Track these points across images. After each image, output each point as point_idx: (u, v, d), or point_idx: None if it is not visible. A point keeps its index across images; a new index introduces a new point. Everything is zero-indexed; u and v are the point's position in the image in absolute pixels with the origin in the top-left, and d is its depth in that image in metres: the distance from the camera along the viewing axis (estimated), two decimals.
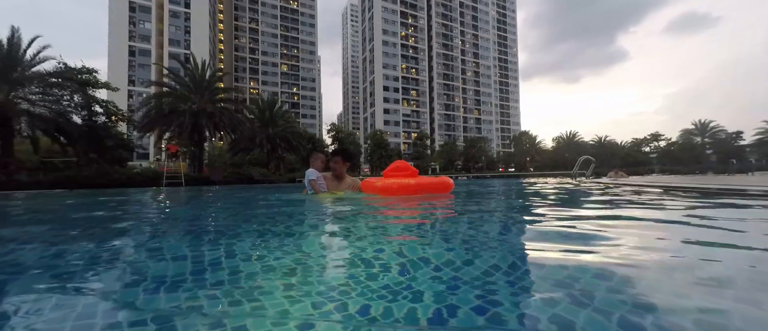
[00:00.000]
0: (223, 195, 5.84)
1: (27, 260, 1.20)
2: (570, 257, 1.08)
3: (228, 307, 0.68)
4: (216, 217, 2.48)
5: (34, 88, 15.29)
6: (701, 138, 50.56)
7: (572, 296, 0.70)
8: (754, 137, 42.96)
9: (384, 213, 2.46)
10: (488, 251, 1.21)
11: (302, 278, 0.87)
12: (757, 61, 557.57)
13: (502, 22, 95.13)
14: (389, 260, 1.06)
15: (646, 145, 57.48)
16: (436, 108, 76.55)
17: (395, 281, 0.82)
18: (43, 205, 4.54)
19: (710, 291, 0.79)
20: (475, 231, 1.63)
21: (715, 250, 1.22)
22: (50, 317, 0.65)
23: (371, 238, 1.43)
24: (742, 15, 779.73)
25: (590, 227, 1.70)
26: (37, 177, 13.86)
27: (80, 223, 2.29)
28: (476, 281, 0.83)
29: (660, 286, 0.81)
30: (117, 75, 46.59)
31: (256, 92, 69.96)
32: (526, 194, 4.72)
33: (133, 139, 27.48)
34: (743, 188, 4.10)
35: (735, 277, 0.89)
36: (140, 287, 0.84)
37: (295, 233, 1.60)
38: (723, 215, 2.27)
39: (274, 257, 1.11)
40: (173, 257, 1.17)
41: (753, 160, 40.11)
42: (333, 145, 45.31)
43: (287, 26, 79.78)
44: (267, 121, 27.21)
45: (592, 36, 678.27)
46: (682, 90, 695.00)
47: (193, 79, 20.99)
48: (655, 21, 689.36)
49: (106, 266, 1.07)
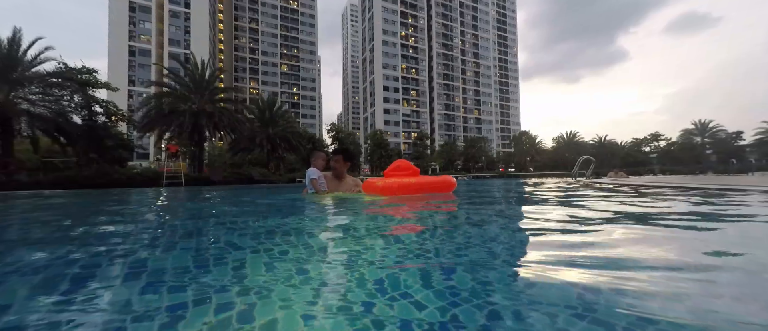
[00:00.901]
0: (226, 196, 5.83)
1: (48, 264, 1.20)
2: (571, 257, 1.08)
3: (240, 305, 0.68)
4: (214, 218, 2.48)
5: (34, 88, 15.29)
6: (701, 138, 50.57)
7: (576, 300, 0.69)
8: (754, 137, 42.98)
9: (382, 213, 2.46)
10: (488, 253, 1.20)
11: (302, 278, 0.87)
12: (757, 61, 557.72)
13: (502, 22, 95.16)
14: (384, 258, 1.05)
15: (646, 145, 57.52)
16: (436, 108, 76.58)
17: (393, 282, 0.82)
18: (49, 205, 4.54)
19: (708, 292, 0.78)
20: (477, 231, 1.63)
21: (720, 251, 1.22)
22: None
23: (369, 238, 1.43)
24: (742, 15, 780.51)
25: (589, 228, 1.70)
26: (37, 177, 13.87)
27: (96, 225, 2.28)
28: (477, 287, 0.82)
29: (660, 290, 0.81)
30: (117, 75, 46.60)
31: (256, 92, 69.98)
32: (527, 194, 4.72)
33: (133, 139, 27.48)
34: (744, 187, 4.10)
35: (734, 280, 0.89)
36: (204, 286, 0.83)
37: (297, 232, 1.60)
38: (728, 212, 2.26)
39: (275, 256, 1.11)
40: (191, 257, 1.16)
41: (753, 160, 40.11)
42: (333, 145, 45.34)
43: (287, 26, 79.80)
44: (267, 121, 27.21)
45: (592, 36, 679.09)
46: (682, 90, 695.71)
47: (193, 79, 21.00)
48: (655, 21, 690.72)
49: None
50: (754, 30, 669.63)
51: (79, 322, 0.62)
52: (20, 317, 0.64)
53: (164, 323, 0.60)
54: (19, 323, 0.62)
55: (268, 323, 0.59)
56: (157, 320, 0.61)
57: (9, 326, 0.60)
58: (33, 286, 0.87)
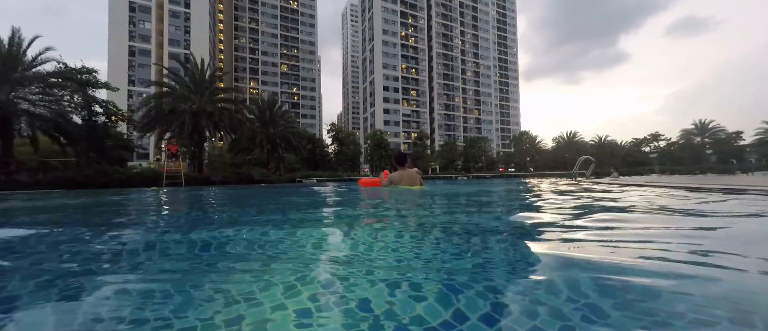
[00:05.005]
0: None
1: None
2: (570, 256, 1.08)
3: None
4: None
5: (34, 88, 15.29)
6: (701, 138, 50.53)
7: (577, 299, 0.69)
8: (754, 137, 42.95)
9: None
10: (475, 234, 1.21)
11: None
12: (757, 62, 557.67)
13: (502, 23, 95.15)
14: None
15: (646, 145, 57.51)
16: (436, 108, 76.55)
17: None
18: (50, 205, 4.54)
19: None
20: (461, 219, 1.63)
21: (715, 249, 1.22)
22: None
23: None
24: (744, 17, 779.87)
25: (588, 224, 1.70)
26: (37, 177, 13.87)
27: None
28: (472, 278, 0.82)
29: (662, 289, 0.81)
30: (117, 75, 46.59)
31: (256, 92, 69.98)
32: (526, 194, 4.72)
33: (133, 139, 27.49)
34: (744, 187, 4.09)
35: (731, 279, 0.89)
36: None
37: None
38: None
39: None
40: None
41: (753, 160, 40.11)
42: (333, 145, 45.39)
43: (287, 26, 79.81)
44: (267, 121, 27.22)
45: (594, 39, 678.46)
46: (682, 90, 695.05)
47: (192, 79, 21.00)
48: (656, 25, 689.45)
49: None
50: (754, 31, 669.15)
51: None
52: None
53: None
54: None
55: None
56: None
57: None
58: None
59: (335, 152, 44.77)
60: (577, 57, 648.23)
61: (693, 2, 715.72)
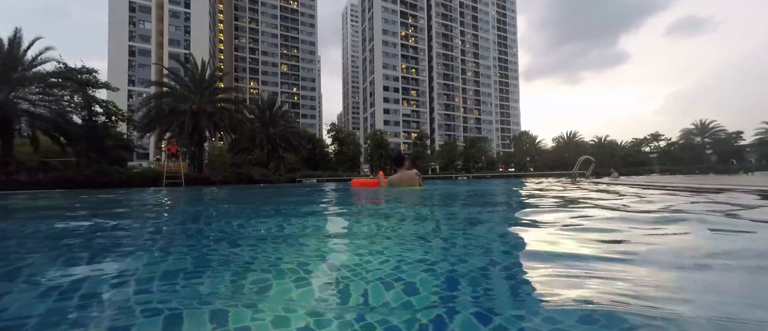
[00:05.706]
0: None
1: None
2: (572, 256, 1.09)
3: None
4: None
5: (34, 88, 15.27)
6: (701, 138, 50.48)
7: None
8: (754, 137, 42.91)
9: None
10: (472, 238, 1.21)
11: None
12: (757, 62, 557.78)
13: (502, 23, 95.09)
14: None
15: (646, 145, 57.46)
16: (436, 108, 76.50)
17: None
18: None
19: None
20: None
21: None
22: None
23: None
24: (743, 16, 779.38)
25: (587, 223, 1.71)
26: (37, 177, 13.88)
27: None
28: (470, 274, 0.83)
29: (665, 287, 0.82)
30: (117, 75, 46.58)
31: (256, 92, 69.96)
32: (526, 193, 4.72)
33: (133, 139, 27.49)
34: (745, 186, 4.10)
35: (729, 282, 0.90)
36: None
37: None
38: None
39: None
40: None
41: (753, 160, 40.11)
42: (333, 145, 45.37)
43: (287, 26, 79.78)
44: (267, 121, 27.21)
45: (594, 39, 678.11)
46: (682, 90, 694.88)
47: (192, 79, 20.99)
48: (656, 25, 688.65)
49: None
50: (754, 31, 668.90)
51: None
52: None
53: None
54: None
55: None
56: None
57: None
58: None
59: (335, 152, 44.76)
60: (577, 57, 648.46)
61: (693, 2, 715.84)
